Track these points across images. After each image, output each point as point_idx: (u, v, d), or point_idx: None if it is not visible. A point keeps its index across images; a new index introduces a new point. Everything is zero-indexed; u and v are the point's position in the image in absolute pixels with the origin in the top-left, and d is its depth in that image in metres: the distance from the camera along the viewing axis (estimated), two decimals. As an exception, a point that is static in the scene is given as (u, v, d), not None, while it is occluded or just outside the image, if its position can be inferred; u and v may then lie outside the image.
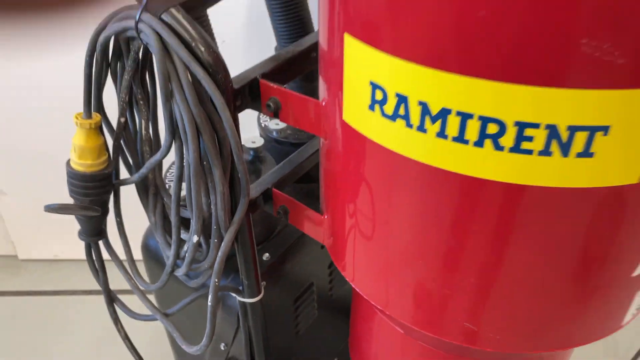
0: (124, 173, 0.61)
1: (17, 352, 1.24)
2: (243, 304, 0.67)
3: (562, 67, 0.33)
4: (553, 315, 0.45)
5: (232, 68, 0.52)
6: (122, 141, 0.59)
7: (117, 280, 0.72)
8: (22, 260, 1.47)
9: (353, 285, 0.56)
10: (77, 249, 1.43)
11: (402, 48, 0.37)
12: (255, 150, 0.75)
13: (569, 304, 0.45)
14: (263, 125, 0.84)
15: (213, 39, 0.62)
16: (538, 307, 0.45)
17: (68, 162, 0.58)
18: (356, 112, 0.44)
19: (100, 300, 1.32)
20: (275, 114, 0.54)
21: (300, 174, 0.64)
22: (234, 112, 0.52)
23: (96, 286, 1.35)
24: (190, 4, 0.51)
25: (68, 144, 0.58)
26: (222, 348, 0.76)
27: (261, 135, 0.84)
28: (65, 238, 1.42)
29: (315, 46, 0.59)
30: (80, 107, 0.55)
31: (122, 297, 0.70)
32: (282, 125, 0.83)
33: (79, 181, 0.58)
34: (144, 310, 0.68)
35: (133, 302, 0.69)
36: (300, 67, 0.58)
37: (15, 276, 1.42)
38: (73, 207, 0.57)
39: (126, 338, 0.72)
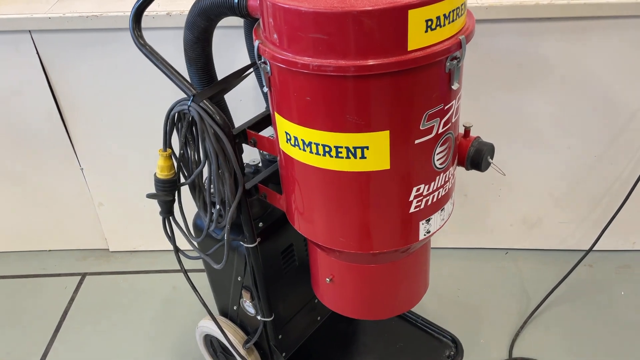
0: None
1: (112, 309, 1.83)
2: (247, 249, 1.22)
3: (345, 126, 0.87)
4: (377, 230, 0.99)
5: (245, 115, 1.09)
6: (182, 163, 1.16)
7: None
8: (111, 252, 2.09)
9: (297, 229, 1.10)
10: (149, 243, 2.04)
11: (292, 118, 0.93)
12: (255, 166, 1.32)
13: (383, 224, 0.98)
14: (262, 153, 1.40)
15: (226, 108, 1.19)
16: (373, 225, 0.99)
17: (155, 174, 1.16)
18: (283, 143, 0.99)
19: (161, 276, 1.90)
20: (255, 146, 1.10)
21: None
22: (235, 146, 1.08)
23: (159, 267, 1.94)
24: (213, 97, 1.08)
25: (144, 171, 1.15)
26: (239, 279, 1.32)
27: (261, 158, 1.40)
28: (141, 236, 2.02)
29: (278, 109, 1.16)
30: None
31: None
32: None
33: (160, 183, 1.16)
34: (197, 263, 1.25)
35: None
36: (267, 123, 1.14)
37: (107, 262, 2.04)
38: (158, 195, 1.15)
39: (186, 274, 1.29)
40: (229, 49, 1.52)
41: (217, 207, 1.11)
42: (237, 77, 1.13)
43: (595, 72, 1.53)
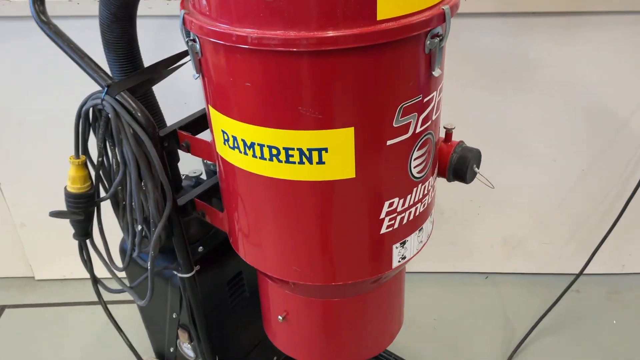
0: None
1: (34, 348, 1.56)
2: (183, 280, 0.99)
3: (297, 121, 0.67)
4: (341, 256, 0.78)
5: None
6: (101, 172, 0.93)
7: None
8: (37, 280, 1.81)
9: (242, 256, 0.88)
10: (81, 271, 1.77)
11: (229, 112, 0.72)
12: (196, 178, 1.10)
13: (347, 249, 0.77)
14: (206, 162, 1.18)
15: (156, 105, 0.97)
16: (335, 251, 0.78)
17: (65, 187, 0.93)
18: (220, 145, 0.78)
19: (94, 309, 1.63)
20: (188, 151, 0.88)
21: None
22: (162, 150, 0.86)
23: (93, 298, 1.67)
24: (135, 88, 0.86)
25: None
26: (174, 316, 1.08)
27: (205, 169, 1.18)
28: (72, 262, 1.75)
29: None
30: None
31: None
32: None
33: (72, 199, 0.92)
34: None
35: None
36: (205, 123, 0.92)
37: (32, 292, 1.76)
38: (65, 213, 0.91)
39: (107, 310, 1.05)
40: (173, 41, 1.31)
41: (140, 227, 0.88)
42: (168, 65, 0.92)
43: (584, 74, 1.37)
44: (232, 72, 0.68)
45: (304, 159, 0.69)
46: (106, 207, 0.96)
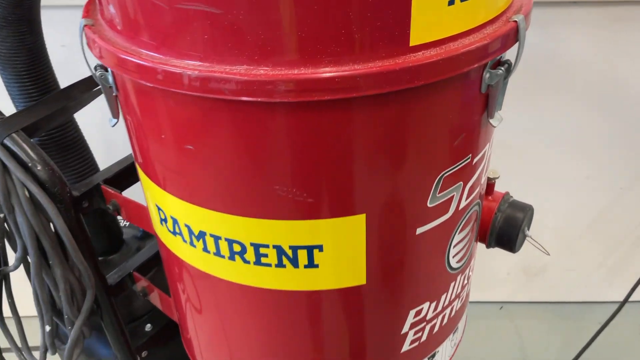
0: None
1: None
2: (124, 374, 0.74)
3: (272, 207, 0.41)
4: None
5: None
6: (6, 225, 0.66)
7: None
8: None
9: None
10: None
11: (165, 184, 0.45)
12: (144, 226, 0.83)
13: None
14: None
15: (80, 143, 0.69)
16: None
17: (-48, 257, 0.66)
18: (156, 224, 0.51)
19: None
20: (118, 213, 0.62)
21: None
22: (77, 216, 0.59)
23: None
24: (37, 125, 0.59)
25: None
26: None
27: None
28: None
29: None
30: None
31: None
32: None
33: (-39, 273, 0.65)
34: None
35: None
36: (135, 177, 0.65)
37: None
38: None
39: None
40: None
41: (48, 328, 0.62)
42: (90, 87, 0.64)
43: (629, 78, 1.12)
44: (165, 126, 0.41)
45: (285, 261, 0.43)
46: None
